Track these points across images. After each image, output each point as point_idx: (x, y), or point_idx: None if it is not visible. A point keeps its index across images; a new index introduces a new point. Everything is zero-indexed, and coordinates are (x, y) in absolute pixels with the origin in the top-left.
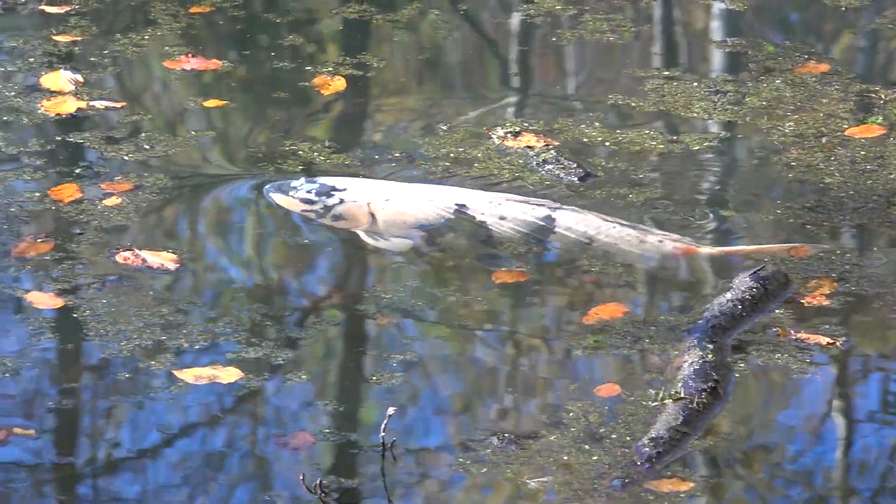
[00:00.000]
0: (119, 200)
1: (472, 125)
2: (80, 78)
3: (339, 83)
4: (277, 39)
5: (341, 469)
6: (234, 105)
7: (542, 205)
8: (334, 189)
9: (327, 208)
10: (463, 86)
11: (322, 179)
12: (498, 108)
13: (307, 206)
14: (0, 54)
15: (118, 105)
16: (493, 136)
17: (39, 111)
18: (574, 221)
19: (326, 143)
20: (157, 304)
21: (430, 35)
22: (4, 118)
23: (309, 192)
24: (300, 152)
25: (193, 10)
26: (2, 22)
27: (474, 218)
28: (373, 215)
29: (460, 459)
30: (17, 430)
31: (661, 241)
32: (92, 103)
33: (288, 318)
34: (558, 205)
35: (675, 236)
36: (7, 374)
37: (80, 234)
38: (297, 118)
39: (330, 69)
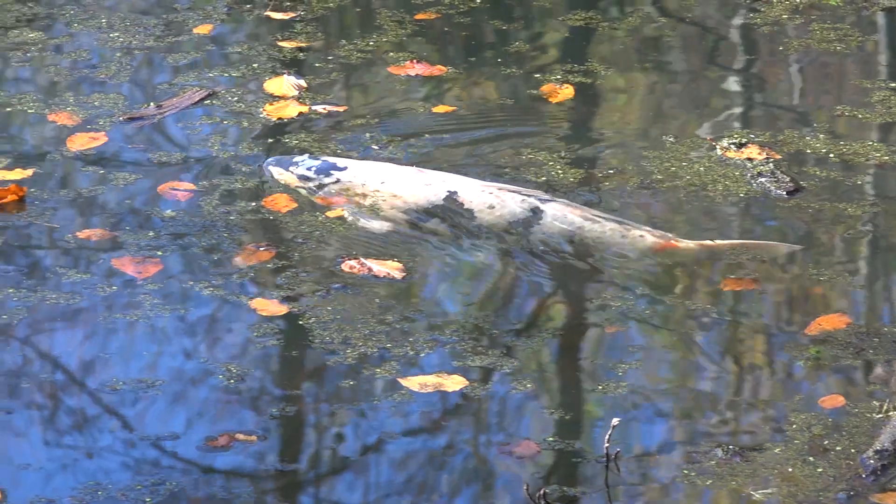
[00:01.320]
0: (342, 211)
1: (696, 136)
2: (303, 83)
3: (568, 91)
4: (503, 46)
5: (564, 478)
6: (464, 111)
7: (533, 195)
8: (334, 168)
9: (321, 186)
10: (688, 95)
11: (325, 157)
12: (723, 119)
13: (301, 183)
14: (226, 60)
15: (340, 109)
16: (717, 146)
17: (261, 115)
18: (561, 213)
19: (562, 154)
20: (383, 312)
21: (655, 43)
22: (226, 122)
23: (309, 168)
24: (543, 163)
25: (419, 16)
26: (228, 28)
27: (462, 205)
28: (364, 196)
29: (684, 470)
30: (240, 436)
31: (642, 236)
32: (314, 108)
33: (513, 326)
34: (549, 196)
35: (658, 232)
36: (232, 381)
37: (303, 243)
38: (528, 127)
39: (558, 77)
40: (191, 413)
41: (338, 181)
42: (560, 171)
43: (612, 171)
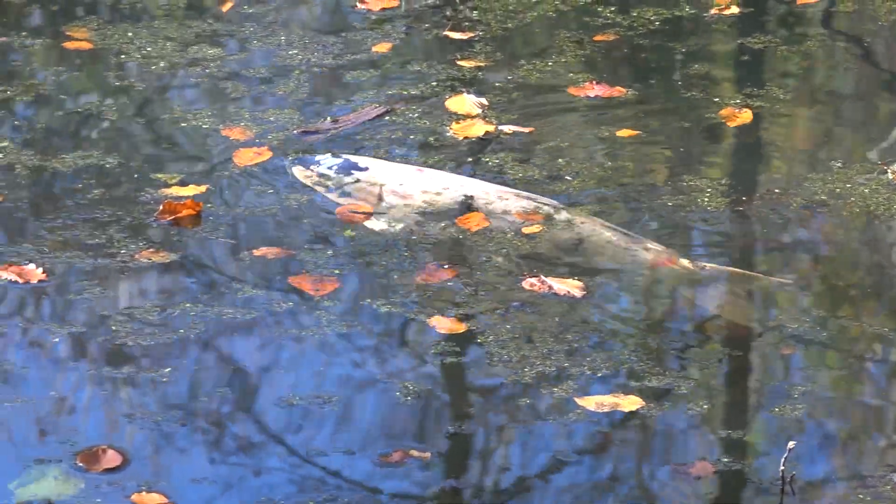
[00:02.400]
0: (538, 228)
1: (867, 160)
2: (485, 101)
3: (746, 115)
4: (683, 69)
5: (738, 500)
6: (646, 135)
7: (547, 204)
8: (355, 168)
9: (340, 185)
10: (861, 119)
11: (347, 156)
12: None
13: (321, 181)
14: (404, 78)
15: (526, 130)
16: (888, 171)
17: (448, 134)
18: (568, 221)
19: (722, 181)
20: (562, 331)
21: (831, 67)
22: (412, 137)
23: (330, 168)
24: (706, 189)
25: (598, 37)
26: (407, 47)
27: (478, 210)
28: (380, 197)
29: (859, 495)
30: (414, 453)
31: (645, 249)
32: (500, 128)
33: (689, 346)
34: (562, 206)
35: (660, 247)
36: (408, 398)
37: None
38: (699, 151)
39: (737, 101)
40: (365, 429)
41: (357, 181)
42: (707, 198)
43: (777, 192)
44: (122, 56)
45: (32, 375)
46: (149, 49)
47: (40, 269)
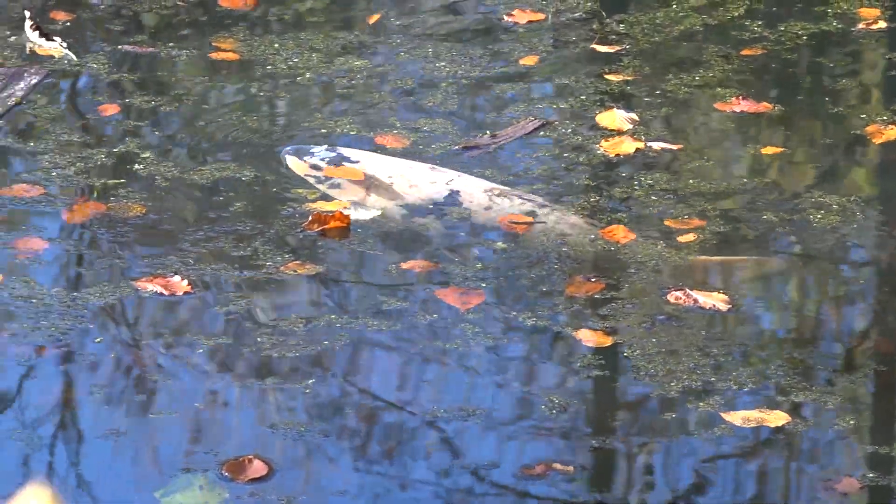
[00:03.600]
0: (693, 237)
1: None
2: (634, 116)
3: (893, 132)
4: (829, 84)
5: None
6: (790, 151)
7: (532, 201)
8: (347, 160)
9: (329, 177)
10: None
11: (341, 149)
12: None
13: (312, 171)
14: (553, 91)
15: (675, 147)
16: None
17: (598, 151)
18: (554, 222)
19: (852, 198)
20: (707, 345)
21: None
22: (566, 154)
23: (322, 159)
24: (848, 206)
25: (745, 52)
26: (554, 60)
27: (461, 204)
28: (367, 189)
29: None
30: (557, 466)
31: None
32: (650, 144)
33: (835, 360)
34: (547, 205)
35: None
36: (553, 411)
37: None
38: (843, 167)
39: (884, 117)
40: (509, 441)
41: (347, 172)
42: (850, 215)
43: None
44: (269, 67)
45: (178, 386)
46: (295, 60)
47: (185, 281)
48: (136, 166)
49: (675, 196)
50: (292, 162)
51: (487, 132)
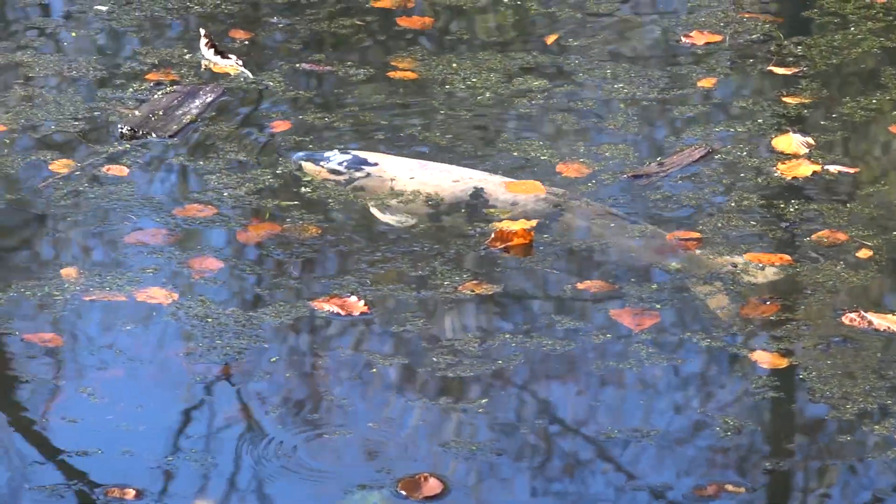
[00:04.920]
0: (869, 259)
1: None
2: (811, 140)
3: None
4: None
5: None
6: None
7: (556, 195)
8: (365, 163)
9: (351, 180)
10: None
11: (356, 152)
12: None
13: (332, 177)
14: (729, 114)
15: (852, 170)
16: None
17: (775, 174)
18: (578, 214)
19: None
20: (884, 367)
21: None
22: (743, 177)
23: (340, 163)
24: None
25: None
26: (732, 82)
27: (487, 202)
28: (392, 190)
29: None
30: (729, 487)
31: (652, 238)
32: (826, 167)
33: None
34: (573, 197)
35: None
36: (728, 433)
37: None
38: None
39: None
40: (682, 462)
41: (368, 175)
42: None
43: None
44: (447, 86)
45: (355, 405)
46: (473, 80)
47: (362, 302)
48: (304, 188)
49: (852, 218)
50: (309, 168)
51: (657, 160)
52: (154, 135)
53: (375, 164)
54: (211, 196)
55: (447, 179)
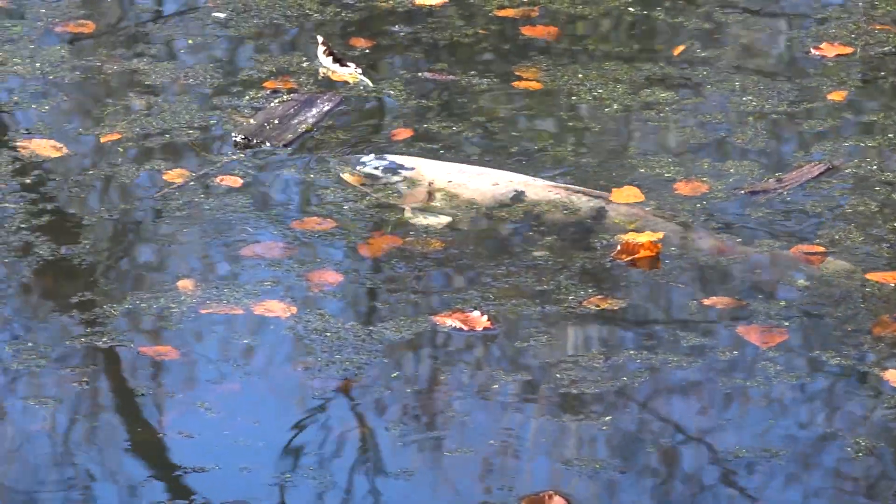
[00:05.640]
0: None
1: None
2: None
3: None
4: None
5: None
6: None
7: (600, 197)
8: (402, 167)
9: (388, 185)
10: None
11: (392, 157)
12: None
13: (368, 181)
14: (859, 129)
15: None
16: None
17: None
18: (623, 216)
19: None
20: None
21: None
22: (878, 191)
23: (376, 168)
24: None
25: None
26: (862, 95)
27: (528, 204)
28: (430, 194)
29: None
30: None
31: (701, 238)
32: None
33: None
34: (612, 199)
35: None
36: (860, 453)
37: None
38: None
39: None
40: (811, 484)
41: (405, 179)
42: None
43: None
44: (573, 98)
45: (475, 422)
46: (600, 91)
47: (485, 317)
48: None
49: None
50: (343, 172)
51: (775, 175)
52: (268, 144)
53: (412, 169)
54: (330, 209)
55: (486, 183)
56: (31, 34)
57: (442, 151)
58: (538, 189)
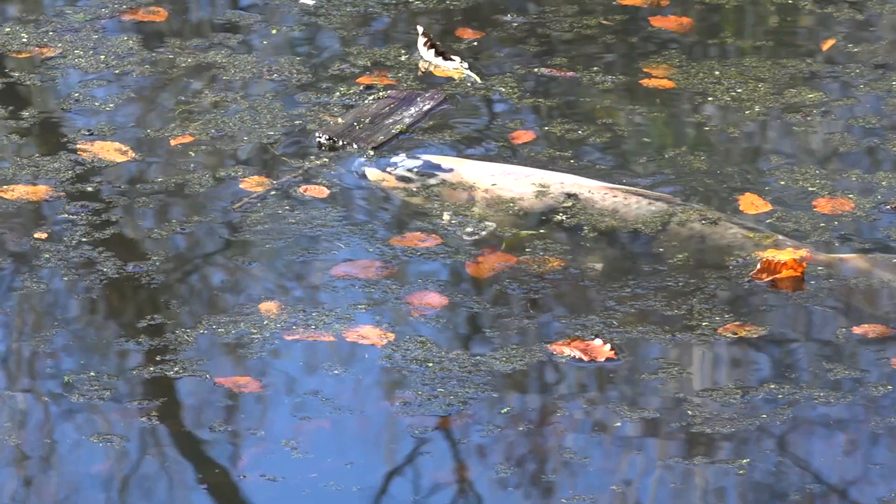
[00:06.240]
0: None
1: None
2: None
3: None
4: None
5: None
6: None
7: (661, 199)
8: (438, 168)
9: (425, 188)
10: None
11: (427, 157)
12: None
13: (402, 184)
14: None
15: None
16: None
17: None
18: (690, 221)
19: None
20: None
21: None
22: None
23: (409, 169)
24: None
25: None
26: None
27: (583, 210)
28: (472, 198)
29: None
30: None
31: (777, 241)
32: None
33: None
34: (678, 201)
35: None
36: None
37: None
38: None
39: None
40: None
41: (443, 182)
42: None
43: None
44: (708, 98)
45: (595, 465)
46: (738, 90)
47: (608, 346)
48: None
49: None
50: (373, 175)
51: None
52: (355, 146)
53: (450, 170)
54: (437, 223)
55: (534, 185)
56: (95, 23)
57: (573, 161)
58: (593, 191)
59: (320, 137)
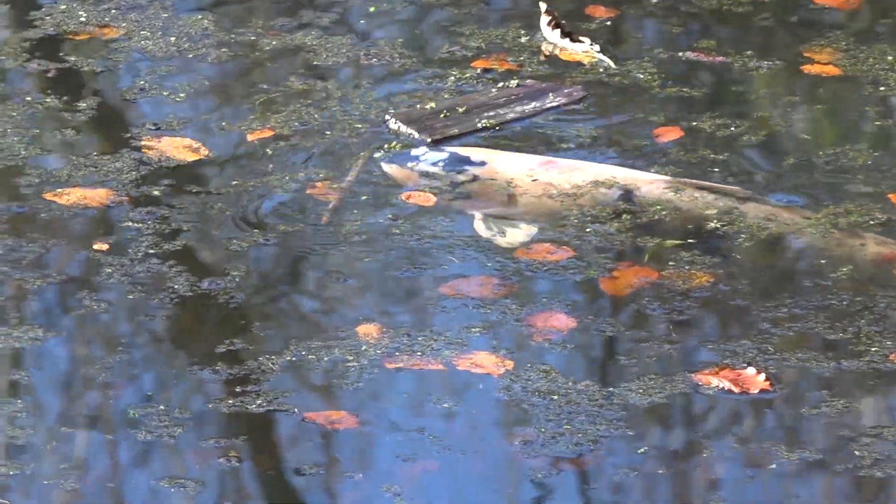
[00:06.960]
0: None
1: None
2: None
3: None
4: None
5: None
6: None
7: (730, 193)
8: (468, 162)
9: (454, 185)
10: None
11: (452, 149)
12: None
13: (426, 181)
14: None
15: None
16: None
17: None
18: (760, 216)
19: None
20: None
21: None
22: None
23: (434, 164)
24: None
25: None
26: None
27: (641, 207)
28: (511, 197)
29: None
30: None
31: (863, 244)
32: None
33: None
34: (749, 194)
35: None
36: None
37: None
38: None
39: None
40: None
41: (475, 178)
42: None
43: None
44: (881, 88)
45: None
46: None
47: (762, 376)
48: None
49: None
50: (394, 170)
51: None
52: (417, 135)
53: (483, 164)
54: (570, 233)
55: (582, 179)
56: (164, 0)
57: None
58: (651, 184)
59: (391, 121)
